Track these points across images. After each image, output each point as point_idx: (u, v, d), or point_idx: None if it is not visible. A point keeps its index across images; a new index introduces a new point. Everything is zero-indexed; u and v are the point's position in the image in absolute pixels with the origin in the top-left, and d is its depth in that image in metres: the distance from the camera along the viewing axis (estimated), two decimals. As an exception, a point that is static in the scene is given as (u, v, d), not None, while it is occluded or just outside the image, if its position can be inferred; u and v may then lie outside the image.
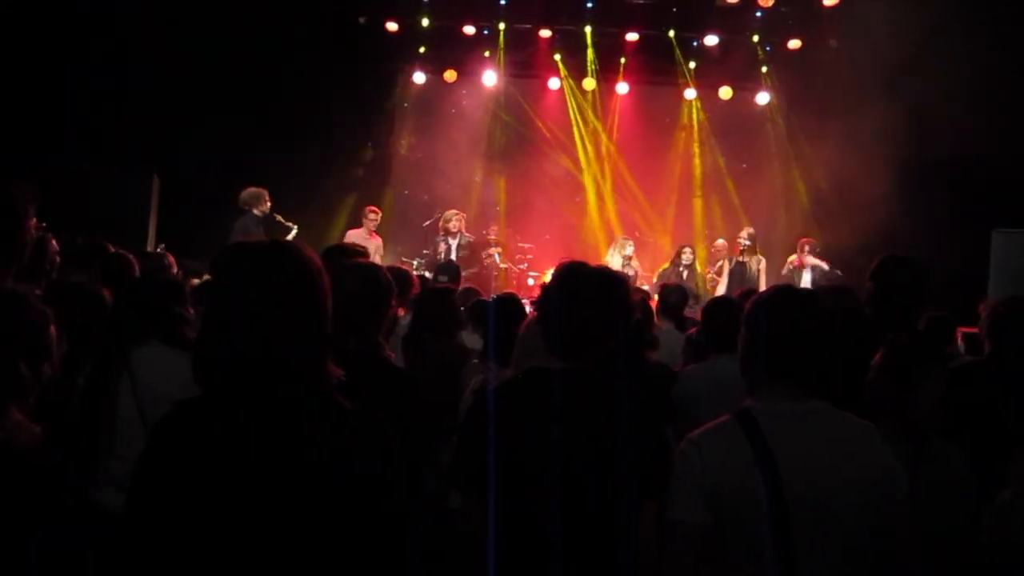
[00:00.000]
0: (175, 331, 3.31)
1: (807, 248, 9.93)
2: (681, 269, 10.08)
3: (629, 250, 10.39)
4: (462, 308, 4.97)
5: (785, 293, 2.36)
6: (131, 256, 4.66)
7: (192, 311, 3.50)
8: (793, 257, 10.05)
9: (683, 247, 10.30)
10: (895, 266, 3.55)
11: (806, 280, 9.73)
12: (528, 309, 4.22)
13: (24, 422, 2.00)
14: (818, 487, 2.15)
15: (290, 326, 1.73)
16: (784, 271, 10.08)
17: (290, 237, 8.98)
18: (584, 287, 2.45)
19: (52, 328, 2.11)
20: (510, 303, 4.22)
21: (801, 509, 2.13)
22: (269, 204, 8.88)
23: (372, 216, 10.16)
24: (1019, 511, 2.49)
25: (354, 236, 9.75)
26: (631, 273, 10.10)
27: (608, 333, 2.48)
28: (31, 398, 2.08)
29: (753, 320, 2.32)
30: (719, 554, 2.23)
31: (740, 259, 10.12)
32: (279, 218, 8.93)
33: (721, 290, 9.80)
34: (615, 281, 2.52)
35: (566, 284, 2.47)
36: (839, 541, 2.15)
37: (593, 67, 12.70)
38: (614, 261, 10.25)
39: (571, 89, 12.94)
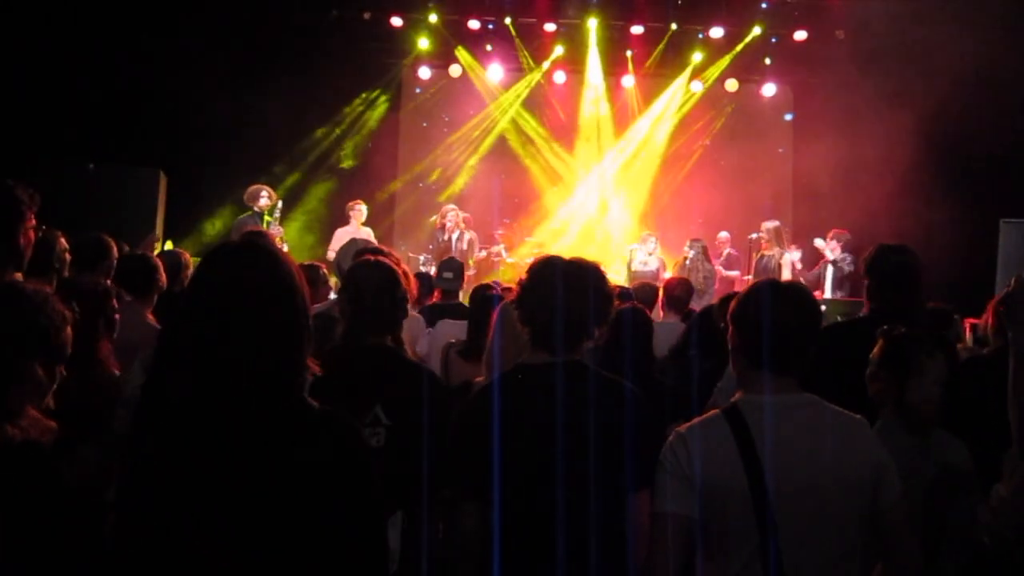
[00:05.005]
0: None
1: (832, 238, 9.79)
2: (688, 263, 10.06)
3: (652, 244, 10.41)
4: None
5: (768, 287, 2.34)
6: (154, 257, 4.62)
7: None
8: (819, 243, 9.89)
9: (692, 241, 10.26)
10: (889, 254, 3.55)
11: (830, 274, 9.65)
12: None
13: (39, 418, 2.01)
14: (804, 480, 2.16)
15: (260, 329, 1.70)
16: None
17: (277, 215, 8.99)
18: (561, 279, 2.46)
19: (69, 329, 2.11)
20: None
21: (787, 502, 2.14)
22: (264, 200, 8.89)
23: (358, 208, 9.96)
24: (1013, 507, 2.49)
25: (344, 233, 9.65)
26: (650, 269, 10.11)
27: (590, 322, 2.49)
28: (46, 398, 2.08)
29: (738, 315, 2.33)
30: (708, 546, 2.24)
31: (763, 252, 10.08)
32: (260, 207, 8.91)
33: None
34: (590, 270, 2.53)
35: (544, 278, 2.48)
36: (827, 532, 2.16)
37: (599, 60, 12.68)
38: (638, 256, 10.27)
39: (577, 83, 12.91)
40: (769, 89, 12.90)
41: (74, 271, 4.16)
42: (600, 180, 13.01)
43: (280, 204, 9.12)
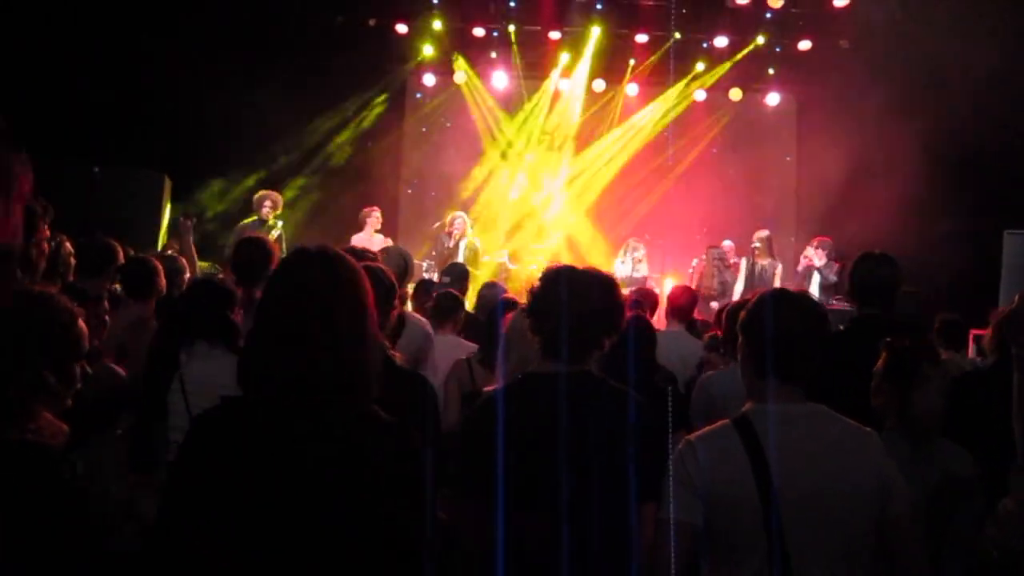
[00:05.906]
0: (226, 336, 3.38)
1: (817, 247, 9.80)
2: (690, 271, 10.09)
3: (639, 253, 10.39)
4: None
5: (777, 297, 2.36)
6: (155, 261, 4.64)
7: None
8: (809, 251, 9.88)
9: (710, 248, 10.26)
10: (872, 264, 3.62)
11: (816, 280, 9.64)
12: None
13: (51, 421, 2.00)
14: (813, 490, 2.16)
15: (336, 338, 1.75)
16: (800, 268, 9.98)
17: (277, 233, 9.02)
18: (569, 289, 2.45)
19: (80, 324, 2.10)
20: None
21: (796, 511, 2.14)
22: (266, 210, 9.02)
23: (374, 215, 10.04)
24: (1020, 520, 2.49)
25: (358, 240, 9.68)
26: (640, 275, 10.12)
27: (603, 332, 2.49)
28: (65, 399, 2.06)
29: (747, 325, 2.32)
30: (715, 555, 2.23)
31: (755, 262, 10.07)
32: (263, 216, 8.99)
33: (738, 292, 9.73)
34: (604, 281, 2.53)
35: (553, 288, 2.47)
36: (834, 541, 2.16)
37: (602, 68, 12.69)
38: (624, 264, 10.26)
39: (581, 91, 12.91)
40: (773, 98, 12.91)
41: (81, 276, 4.15)
42: (604, 187, 12.99)
43: (281, 224, 9.18)
